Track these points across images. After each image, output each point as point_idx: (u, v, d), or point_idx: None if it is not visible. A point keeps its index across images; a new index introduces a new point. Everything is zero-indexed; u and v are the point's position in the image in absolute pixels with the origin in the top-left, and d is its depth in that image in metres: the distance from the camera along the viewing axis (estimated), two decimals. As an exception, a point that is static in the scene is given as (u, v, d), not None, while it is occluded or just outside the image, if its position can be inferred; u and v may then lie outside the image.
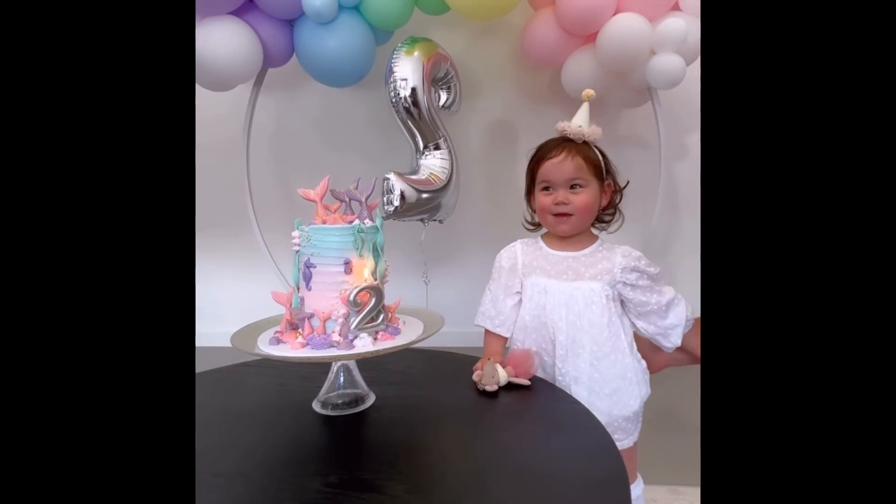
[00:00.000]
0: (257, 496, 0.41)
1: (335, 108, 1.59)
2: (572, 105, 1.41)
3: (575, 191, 0.67)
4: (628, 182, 0.71)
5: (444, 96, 1.38)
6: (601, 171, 0.69)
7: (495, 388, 0.58)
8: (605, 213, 0.72)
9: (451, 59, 1.34)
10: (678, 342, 0.70)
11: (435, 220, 1.34)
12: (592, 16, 1.14)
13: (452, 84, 1.36)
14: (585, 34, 1.19)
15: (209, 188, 1.68)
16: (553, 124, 1.62)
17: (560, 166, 0.67)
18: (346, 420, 0.54)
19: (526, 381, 0.61)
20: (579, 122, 0.67)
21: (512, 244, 0.72)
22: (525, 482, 0.42)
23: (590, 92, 0.68)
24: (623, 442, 0.68)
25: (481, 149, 1.68)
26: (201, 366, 0.68)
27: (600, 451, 0.45)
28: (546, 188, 0.69)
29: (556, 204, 0.67)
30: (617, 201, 0.71)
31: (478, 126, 1.67)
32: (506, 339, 0.70)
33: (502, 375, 0.59)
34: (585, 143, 0.70)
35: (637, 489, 0.73)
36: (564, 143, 0.70)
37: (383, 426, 0.53)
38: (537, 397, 0.58)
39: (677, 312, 0.71)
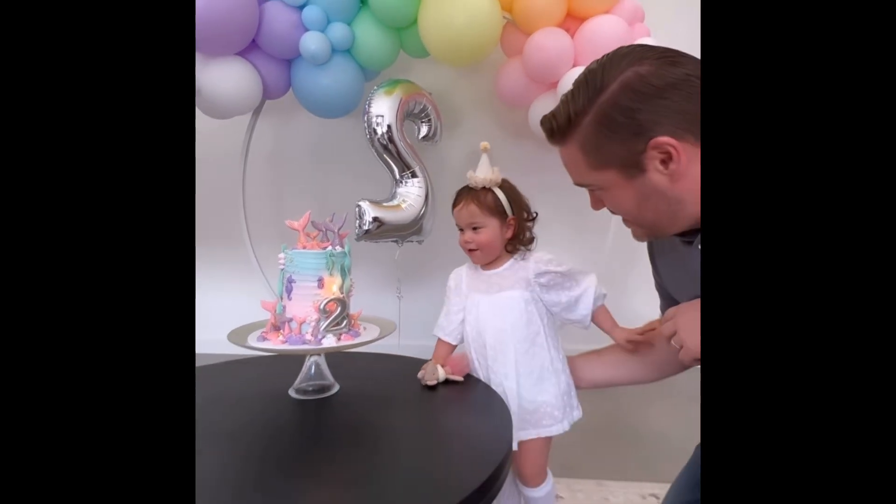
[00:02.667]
0: (246, 455, 0.58)
1: (326, 135, 1.79)
2: (544, 138, 1.60)
3: (476, 231, 0.83)
4: (536, 214, 0.87)
5: (423, 129, 1.57)
6: (498, 210, 0.83)
7: (434, 382, 0.75)
8: (517, 242, 0.85)
9: (428, 96, 1.54)
10: (588, 314, 0.82)
11: (411, 241, 1.53)
12: (552, 68, 1.35)
13: (431, 118, 1.55)
14: (548, 83, 1.39)
15: (207, 205, 1.87)
16: (527, 155, 1.83)
17: (460, 213, 0.87)
18: (315, 403, 0.71)
19: (459, 378, 0.78)
20: (477, 172, 0.84)
21: (459, 268, 0.89)
22: (445, 442, 0.60)
23: (485, 144, 0.86)
24: (551, 428, 0.80)
25: (460, 176, 1.87)
26: (197, 364, 0.86)
27: (499, 422, 0.63)
28: (460, 229, 0.86)
29: (465, 242, 0.83)
30: (526, 230, 0.86)
31: (458, 155, 1.87)
32: (453, 346, 0.86)
33: (441, 373, 0.76)
34: (486, 188, 0.84)
35: (546, 487, 0.84)
36: (466, 191, 0.87)
37: (343, 408, 0.70)
38: (467, 390, 0.76)
39: (586, 298, 0.81)
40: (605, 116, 0.55)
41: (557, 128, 0.58)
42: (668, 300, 0.76)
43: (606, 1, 1.36)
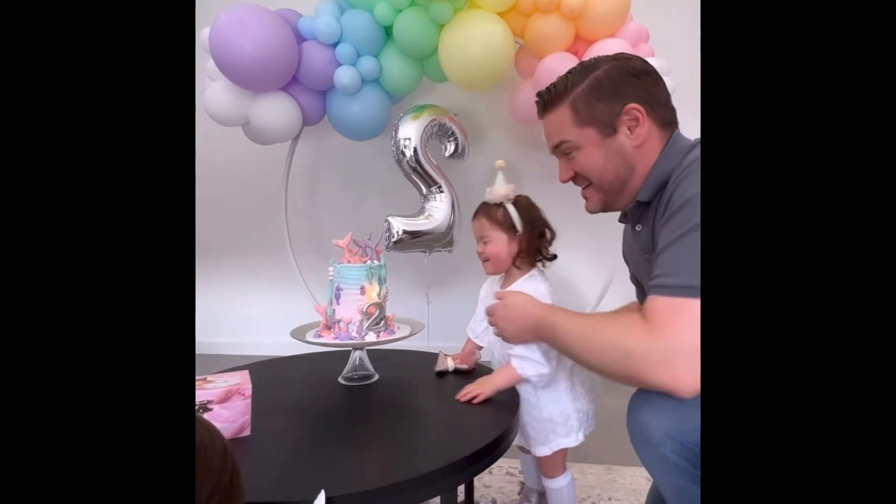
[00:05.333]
0: (308, 424, 0.78)
1: (357, 155, 2.01)
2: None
3: (485, 243, 0.93)
4: (554, 234, 0.95)
5: (451, 147, 1.74)
6: (507, 225, 0.91)
7: (442, 369, 0.92)
8: (525, 258, 0.91)
9: (453, 117, 1.71)
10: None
11: (437, 250, 1.71)
12: (562, 89, 1.50)
13: (458, 137, 1.72)
14: (559, 102, 1.55)
15: (255, 220, 2.12)
16: (544, 167, 1.97)
17: (473, 225, 0.97)
18: (359, 388, 0.90)
19: (465, 367, 0.93)
20: (493, 188, 0.92)
21: (490, 278, 1.01)
22: (462, 415, 0.78)
23: (501, 163, 0.95)
24: (565, 440, 0.85)
25: (483, 189, 2.05)
26: (256, 361, 1.07)
27: (506, 401, 0.81)
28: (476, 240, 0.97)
29: (477, 253, 0.95)
30: (539, 247, 0.92)
31: (480, 169, 2.04)
32: (480, 346, 1.00)
33: (450, 363, 0.94)
34: (499, 203, 0.92)
35: (566, 479, 0.93)
36: (482, 205, 0.96)
37: (382, 392, 0.89)
38: (477, 376, 0.93)
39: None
40: (597, 83, 0.72)
41: (555, 94, 0.76)
42: (640, 287, 0.90)
43: (612, 25, 1.51)
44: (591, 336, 0.67)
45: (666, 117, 0.72)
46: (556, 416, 0.87)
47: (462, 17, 1.50)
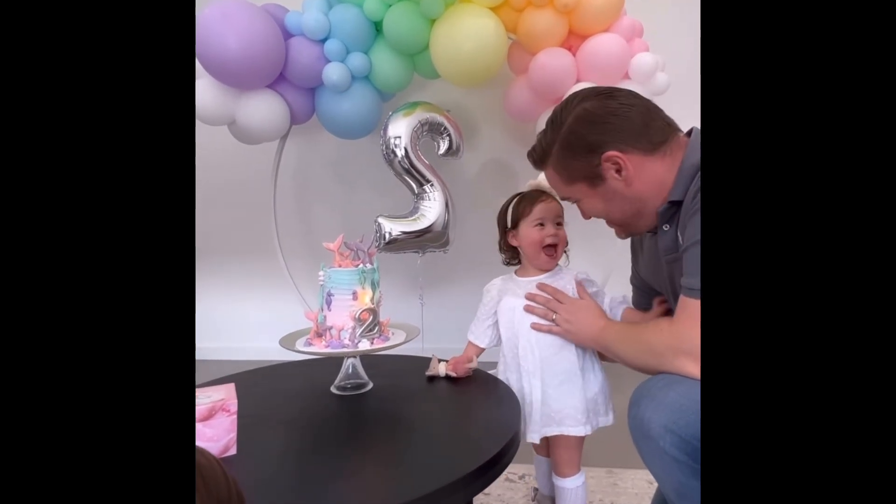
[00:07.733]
0: (300, 439, 0.73)
1: (347, 154, 1.96)
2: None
3: (559, 228, 0.90)
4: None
5: (444, 145, 1.69)
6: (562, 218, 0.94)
7: (433, 374, 0.88)
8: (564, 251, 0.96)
9: (446, 114, 1.66)
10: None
11: (431, 250, 1.67)
12: (556, 85, 1.47)
13: (451, 134, 1.67)
14: (553, 98, 1.52)
15: (243, 222, 2.06)
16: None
17: (548, 207, 0.90)
18: (352, 398, 0.86)
19: (454, 374, 0.89)
20: (543, 181, 0.91)
21: (495, 280, 0.97)
22: (463, 427, 0.74)
23: None
24: (572, 429, 0.86)
25: (476, 186, 2.01)
26: (244, 367, 1.02)
27: (508, 410, 0.77)
28: (540, 224, 0.88)
29: (550, 236, 0.88)
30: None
31: (472, 167, 2.00)
32: (481, 349, 0.96)
33: (441, 369, 0.89)
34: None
35: (578, 480, 0.92)
36: (542, 192, 0.93)
37: (377, 402, 0.85)
38: (482, 385, 0.89)
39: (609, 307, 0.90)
40: (566, 142, 0.73)
41: (538, 157, 0.79)
42: (641, 291, 0.91)
43: (606, 19, 1.48)
44: (632, 343, 0.74)
45: (653, 141, 0.69)
46: (598, 393, 0.90)
47: (453, 11, 1.45)
